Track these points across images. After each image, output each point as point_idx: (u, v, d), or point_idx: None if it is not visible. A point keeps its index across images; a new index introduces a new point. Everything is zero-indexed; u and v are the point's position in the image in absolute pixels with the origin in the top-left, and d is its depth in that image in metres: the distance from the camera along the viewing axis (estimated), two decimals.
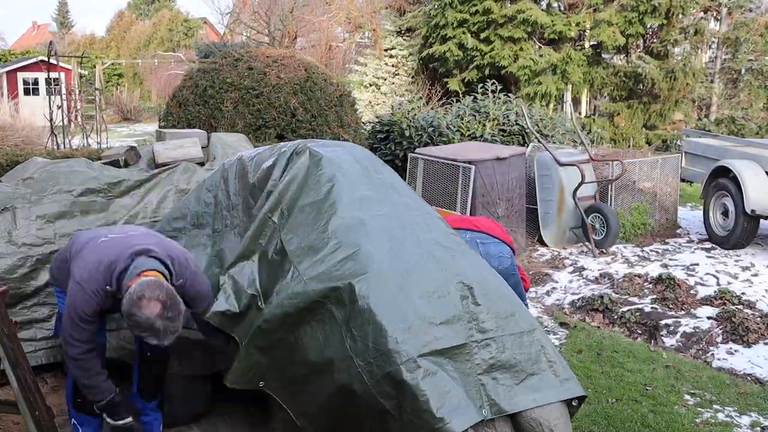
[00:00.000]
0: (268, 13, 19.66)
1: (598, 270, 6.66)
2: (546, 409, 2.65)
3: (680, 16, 15.02)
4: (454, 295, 2.78)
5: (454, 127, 9.23)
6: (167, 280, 2.86)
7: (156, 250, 2.92)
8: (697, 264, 6.80)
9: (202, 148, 5.11)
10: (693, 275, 6.38)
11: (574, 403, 2.80)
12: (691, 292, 5.83)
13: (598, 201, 7.68)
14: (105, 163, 4.71)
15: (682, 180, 9.02)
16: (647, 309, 5.49)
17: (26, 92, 24.54)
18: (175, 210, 4.00)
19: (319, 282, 2.81)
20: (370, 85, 18.52)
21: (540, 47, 15.55)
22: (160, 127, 9.29)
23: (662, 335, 5.14)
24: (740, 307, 5.43)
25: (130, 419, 3.05)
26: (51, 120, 11.78)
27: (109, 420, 3.03)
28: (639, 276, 6.26)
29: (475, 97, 10.16)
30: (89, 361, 2.92)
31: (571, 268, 6.82)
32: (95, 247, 2.96)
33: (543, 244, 7.63)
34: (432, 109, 10.57)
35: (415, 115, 9.30)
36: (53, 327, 3.76)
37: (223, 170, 3.85)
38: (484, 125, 9.28)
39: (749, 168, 7.30)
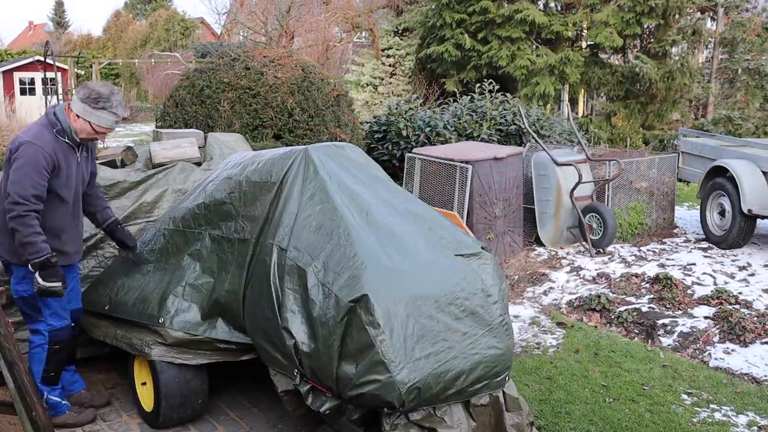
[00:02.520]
0: (265, 13, 19.66)
1: (596, 270, 6.66)
2: None
3: (677, 16, 15.04)
4: None
5: (452, 127, 9.23)
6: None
7: None
8: (694, 264, 6.80)
9: (199, 148, 5.10)
10: (690, 275, 6.38)
11: None
12: (688, 291, 5.84)
13: (595, 201, 7.69)
14: (101, 164, 4.69)
15: (679, 180, 9.03)
16: (644, 309, 5.50)
17: (23, 92, 24.49)
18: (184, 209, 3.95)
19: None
20: (368, 85, 18.53)
21: (537, 47, 15.56)
22: (156, 127, 9.28)
23: (659, 335, 5.15)
24: (737, 306, 5.44)
25: (59, 284, 3.33)
26: None
27: (40, 281, 3.29)
28: (636, 276, 6.27)
29: (472, 97, 10.15)
30: (33, 219, 3.27)
31: (568, 268, 6.82)
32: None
33: (540, 243, 7.63)
34: (429, 108, 10.57)
35: (412, 115, 9.30)
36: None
37: (216, 183, 3.82)
38: (482, 125, 9.28)
39: (746, 168, 7.31)
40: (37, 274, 3.28)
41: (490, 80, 10.48)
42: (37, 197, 3.28)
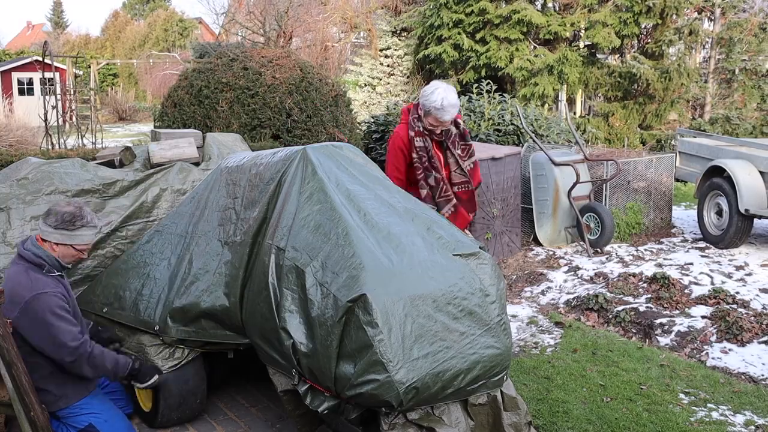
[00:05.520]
0: (264, 13, 19.63)
1: (593, 269, 6.67)
2: None
3: (674, 16, 15.06)
4: None
5: None
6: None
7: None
8: (692, 263, 6.82)
9: (198, 148, 5.10)
10: (687, 274, 6.40)
11: None
12: (686, 291, 5.85)
13: (593, 200, 7.70)
14: (100, 164, 4.69)
15: (677, 179, 9.05)
16: (642, 308, 5.51)
17: (21, 92, 24.49)
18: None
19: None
20: (366, 85, 18.52)
21: (535, 47, 15.57)
22: (155, 127, 9.28)
23: (657, 334, 5.16)
24: (734, 306, 5.45)
25: (155, 378, 3.46)
26: (46, 120, 11.76)
27: (138, 385, 3.45)
28: (634, 275, 6.28)
29: (470, 97, 10.17)
30: (96, 348, 3.26)
31: (566, 268, 6.84)
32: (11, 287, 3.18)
33: (538, 243, 7.65)
34: None
35: None
36: None
37: (216, 180, 3.84)
38: (480, 125, 9.29)
39: (743, 167, 7.33)
40: (133, 382, 3.47)
41: (488, 81, 10.49)
42: (81, 333, 3.26)
